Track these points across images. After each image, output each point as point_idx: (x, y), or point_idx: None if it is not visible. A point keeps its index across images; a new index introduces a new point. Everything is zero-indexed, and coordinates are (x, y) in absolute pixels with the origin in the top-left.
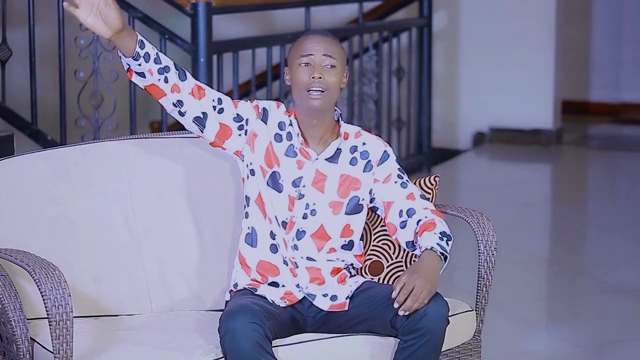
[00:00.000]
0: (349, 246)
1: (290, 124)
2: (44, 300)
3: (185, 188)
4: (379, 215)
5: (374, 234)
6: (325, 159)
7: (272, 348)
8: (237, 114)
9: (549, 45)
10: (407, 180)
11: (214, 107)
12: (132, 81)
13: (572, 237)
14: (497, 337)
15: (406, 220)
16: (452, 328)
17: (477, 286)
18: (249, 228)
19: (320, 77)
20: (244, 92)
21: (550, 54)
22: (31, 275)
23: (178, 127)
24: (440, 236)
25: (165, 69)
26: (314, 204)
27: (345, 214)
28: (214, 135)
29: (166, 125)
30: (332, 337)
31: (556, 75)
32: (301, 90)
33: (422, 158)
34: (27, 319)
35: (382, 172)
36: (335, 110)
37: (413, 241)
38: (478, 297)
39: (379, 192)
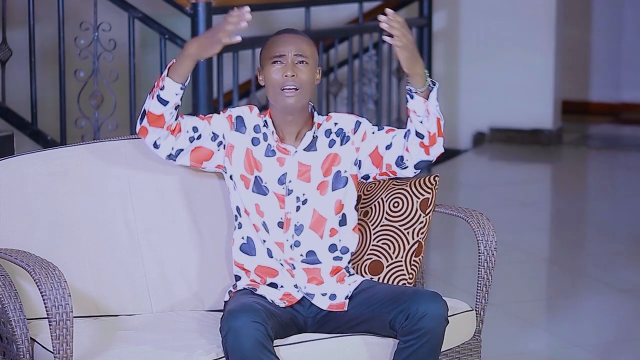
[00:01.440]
0: (344, 221)
1: (265, 125)
2: (44, 300)
3: (185, 188)
4: (378, 214)
5: (374, 234)
6: (304, 150)
7: (274, 347)
8: (213, 133)
9: (549, 45)
10: (382, 126)
11: (191, 139)
12: (146, 102)
13: (572, 237)
14: (497, 337)
15: (391, 142)
16: (452, 328)
17: (477, 286)
18: (243, 238)
19: (294, 75)
20: (244, 92)
21: (550, 54)
22: (31, 275)
23: None
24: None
25: (178, 107)
26: (304, 194)
27: (332, 190)
28: (189, 162)
29: None
30: (331, 338)
31: (556, 75)
32: (275, 90)
33: None
34: (27, 319)
35: (359, 136)
36: (309, 103)
37: (402, 156)
38: (478, 297)
39: (364, 152)
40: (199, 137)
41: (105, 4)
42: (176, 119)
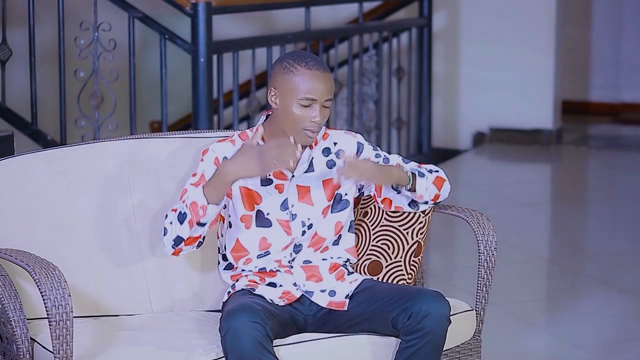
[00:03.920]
0: (337, 242)
1: None
2: (44, 300)
3: None
4: (377, 214)
5: (374, 234)
6: (303, 173)
7: (273, 348)
8: None
9: (549, 45)
10: (386, 155)
11: None
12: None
13: (572, 237)
14: (497, 337)
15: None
16: (452, 328)
17: (477, 286)
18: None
19: (320, 119)
20: (244, 92)
21: (550, 54)
22: (31, 275)
23: (178, 127)
24: (427, 169)
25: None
26: (309, 218)
27: (332, 212)
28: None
29: (166, 125)
30: (332, 337)
31: (556, 75)
32: (296, 126)
33: (422, 158)
34: (27, 319)
35: None
36: None
37: (414, 199)
38: (478, 297)
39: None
40: None
41: (105, 4)
42: None
